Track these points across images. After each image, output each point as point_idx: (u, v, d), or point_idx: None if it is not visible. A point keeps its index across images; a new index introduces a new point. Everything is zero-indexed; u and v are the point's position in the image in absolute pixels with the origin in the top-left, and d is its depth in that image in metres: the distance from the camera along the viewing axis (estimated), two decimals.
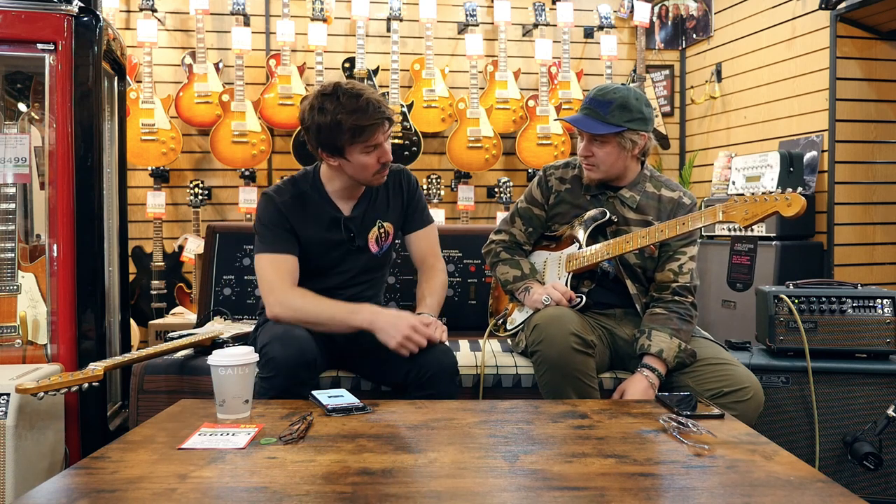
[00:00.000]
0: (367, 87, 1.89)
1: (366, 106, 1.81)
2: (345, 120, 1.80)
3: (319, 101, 1.84)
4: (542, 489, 1.11)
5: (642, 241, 1.91)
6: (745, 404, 1.75)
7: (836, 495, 1.07)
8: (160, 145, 3.92)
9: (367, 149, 1.85)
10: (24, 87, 2.43)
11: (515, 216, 2.21)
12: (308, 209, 1.97)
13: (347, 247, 1.99)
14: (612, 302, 2.06)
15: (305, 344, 1.76)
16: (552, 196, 2.14)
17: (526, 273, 2.10)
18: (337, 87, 1.85)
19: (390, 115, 1.87)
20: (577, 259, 2.03)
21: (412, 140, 4.12)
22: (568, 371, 1.79)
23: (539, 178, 2.18)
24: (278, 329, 1.80)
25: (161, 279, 3.97)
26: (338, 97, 1.82)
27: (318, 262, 1.98)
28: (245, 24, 4.10)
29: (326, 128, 1.82)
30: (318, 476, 1.15)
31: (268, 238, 1.93)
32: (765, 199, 1.77)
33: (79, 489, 1.12)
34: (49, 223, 2.14)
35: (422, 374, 1.79)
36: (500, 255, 2.18)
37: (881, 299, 2.14)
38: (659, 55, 4.73)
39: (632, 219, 2.03)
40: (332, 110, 1.81)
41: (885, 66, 3.44)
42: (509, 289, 2.12)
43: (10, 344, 2.12)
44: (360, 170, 1.89)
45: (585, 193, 2.10)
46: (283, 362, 1.70)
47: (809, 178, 3.44)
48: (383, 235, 2.04)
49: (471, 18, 4.27)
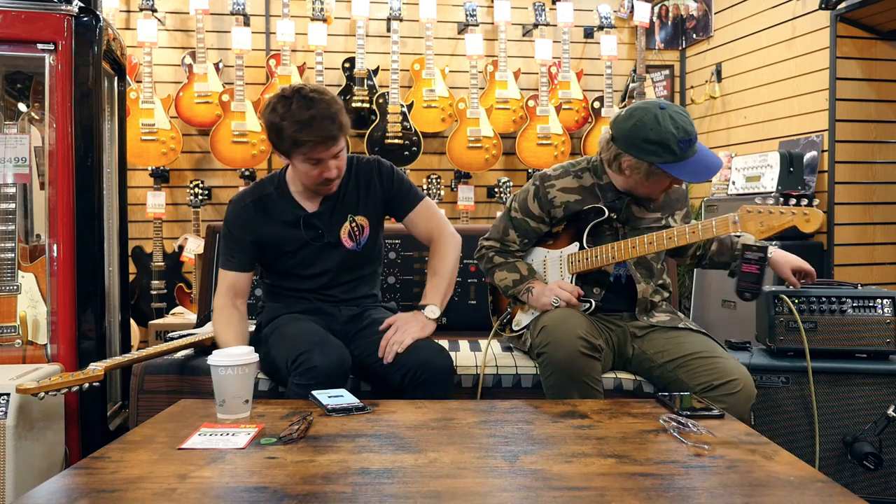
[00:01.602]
0: (327, 98, 1.81)
1: (309, 121, 1.76)
2: (286, 128, 1.78)
3: (275, 99, 1.82)
4: (542, 489, 1.11)
5: (650, 247, 1.89)
6: (734, 397, 1.75)
7: (836, 495, 1.07)
8: (160, 145, 3.92)
9: (308, 160, 1.83)
10: (24, 87, 2.43)
11: (509, 228, 2.10)
12: (270, 210, 1.98)
13: (316, 244, 1.98)
14: (620, 307, 2.04)
15: (342, 352, 1.80)
16: (556, 209, 2.03)
17: (525, 275, 2.04)
18: (298, 91, 1.80)
19: (336, 134, 1.80)
20: (581, 261, 2.00)
21: (412, 140, 4.11)
22: (574, 374, 1.79)
23: (535, 189, 2.05)
24: (314, 336, 1.82)
25: (161, 279, 3.97)
26: (291, 103, 1.78)
27: (289, 262, 1.99)
28: (245, 24, 4.10)
29: (272, 129, 1.82)
30: (318, 476, 1.15)
31: (224, 251, 2.00)
32: (781, 213, 1.72)
33: (79, 489, 1.12)
34: (49, 223, 2.14)
35: (418, 376, 1.79)
36: (494, 259, 2.11)
37: (881, 299, 2.14)
38: (659, 55, 4.73)
39: (646, 219, 2.02)
40: (280, 113, 1.78)
41: (885, 66, 3.44)
42: (511, 293, 2.07)
43: (10, 344, 2.12)
44: (303, 177, 1.89)
45: (603, 202, 1.99)
46: (324, 370, 1.71)
47: (809, 178, 3.44)
48: (357, 230, 2.01)
49: (471, 18, 4.27)
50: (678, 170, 1.82)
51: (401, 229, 2.15)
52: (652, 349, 1.95)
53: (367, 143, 4.09)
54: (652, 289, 2.04)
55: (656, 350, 1.94)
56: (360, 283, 2.06)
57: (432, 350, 1.83)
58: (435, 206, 2.11)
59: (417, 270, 2.67)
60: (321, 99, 1.79)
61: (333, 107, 1.80)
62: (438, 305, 1.95)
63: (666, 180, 1.89)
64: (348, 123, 1.85)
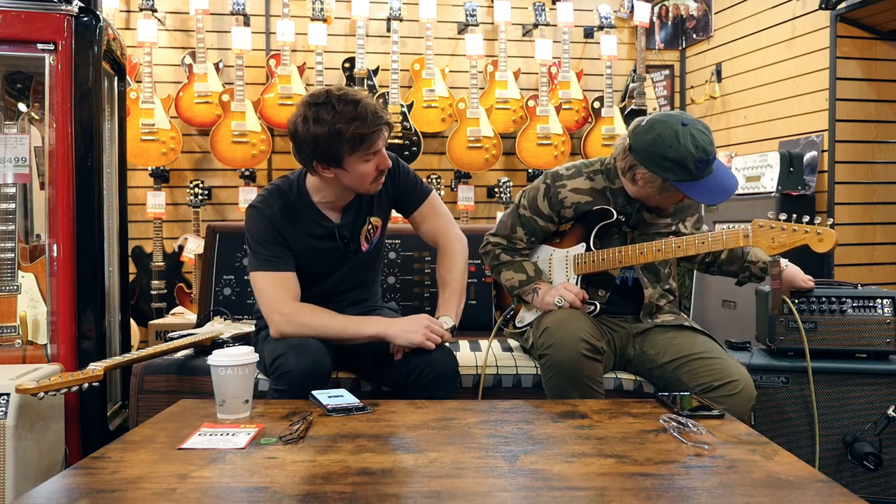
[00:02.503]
0: (359, 91, 1.81)
1: (365, 113, 1.73)
2: (345, 129, 1.71)
3: (313, 111, 1.73)
4: (542, 489, 1.11)
5: (657, 255, 1.88)
6: (734, 398, 1.75)
7: (836, 495, 1.07)
8: (160, 145, 3.92)
9: (366, 157, 1.78)
10: (24, 87, 2.43)
11: (517, 225, 2.09)
12: (298, 221, 1.90)
13: (342, 253, 1.95)
14: (625, 310, 2.04)
15: (319, 355, 1.74)
16: (566, 209, 2.01)
17: (531, 276, 2.03)
18: (329, 94, 1.75)
19: (389, 119, 1.80)
20: (587, 263, 1.99)
21: (412, 140, 4.11)
22: (576, 376, 1.79)
23: (546, 188, 2.02)
24: (293, 339, 1.78)
25: (161, 279, 3.97)
26: (333, 105, 1.72)
27: (313, 272, 1.94)
28: (245, 24, 4.10)
29: (325, 138, 1.72)
30: (318, 476, 1.15)
31: (263, 255, 1.86)
32: (794, 231, 1.71)
33: (79, 489, 1.12)
34: (49, 223, 2.14)
35: (423, 377, 1.79)
36: (501, 257, 2.11)
37: (881, 299, 2.14)
38: (659, 55, 4.73)
39: (658, 223, 2.01)
40: (329, 120, 1.71)
41: (885, 66, 3.44)
42: (516, 293, 2.07)
43: (10, 344, 2.12)
44: (357, 179, 1.82)
45: (614, 206, 1.98)
46: (298, 375, 1.69)
47: (809, 178, 3.44)
48: (371, 231, 1.99)
49: (471, 18, 4.27)
50: (693, 189, 1.80)
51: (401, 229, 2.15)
52: (652, 350, 1.95)
53: None
54: (659, 293, 2.04)
55: (656, 350, 1.94)
56: (367, 282, 2.06)
57: (440, 351, 1.83)
58: (441, 204, 2.08)
59: (417, 270, 2.68)
60: (355, 92, 1.78)
61: (362, 93, 1.80)
62: (453, 317, 1.93)
63: (679, 195, 1.87)
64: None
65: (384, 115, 1.78)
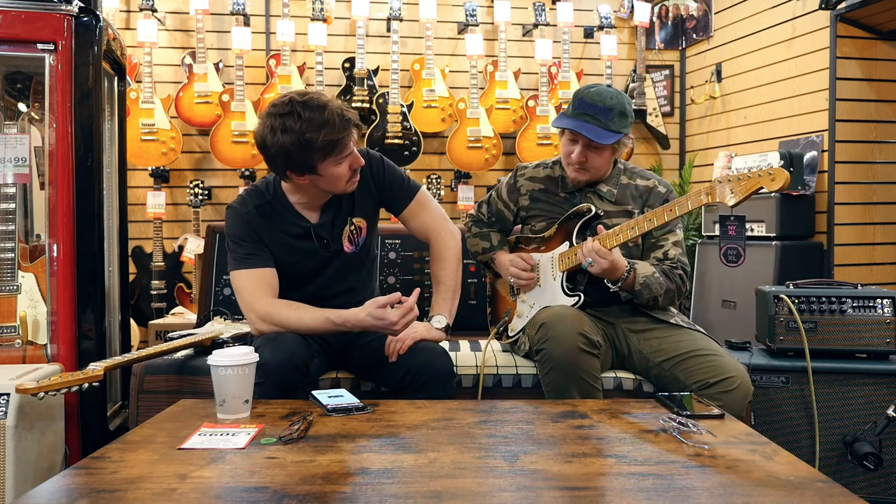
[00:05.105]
0: (323, 94, 1.77)
1: (332, 118, 1.71)
2: (314, 137, 1.69)
3: (280, 121, 1.71)
4: (542, 489, 1.11)
5: (631, 232, 1.90)
6: (731, 394, 1.75)
7: (836, 495, 1.07)
8: (160, 145, 3.92)
9: (339, 160, 1.77)
10: (24, 87, 2.43)
11: (484, 203, 2.30)
12: (275, 221, 1.90)
13: (323, 254, 1.93)
14: (610, 300, 2.04)
15: (295, 347, 1.73)
16: (522, 197, 2.17)
17: (494, 245, 2.23)
18: (293, 102, 1.72)
19: (356, 118, 1.78)
20: (569, 257, 2.03)
21: (412, 140, 4.11)
22: (573, 371, 1.79)
23: (510, 176, 2.23)
24: (271, 333, 1.79)
25: (161, 279, 3.97)
26: (298, 114, 1.70)
27: (297, 273, 1.93)
28: (245, 24, 4.10)
29: (296, 148, 1.71)
30: (318, 476, 1.15)
31: (239, 253, 1.87)
32: (748, 177, 1.74)
33: (79, 489, 1.12)
34: (49, 223, 2.14)
35: (419, 378, 1.79)
36: (471, 228, 2.31)
37: (881, 299, 2.14)
38: (659, 55, 4.73)
39: (612, 211, 2.05)
40: (297, 129, 1.69)
41: (885, 66, 3.44)
42: (479, 259, 2.29)
43: (10, 344, 2.12)
44: (333, 182, 1.81)
45: (561, 191, 2.11)
46: (273, 367, 1.67)
47: (809, 178, 3.44)
48: (355, 232, 1.97)
49: (471, 18, 4.27)
50: (559, 119, 2.00)
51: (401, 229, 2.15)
52: (649, 349, 1.96)
53: (367, 144, 4.09)
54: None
55: (653, 349, 1.94)
56: (359, 284, 2.04)
57: (435, 352, 1.83)
58: (431, 199, 2.07)
59: (417, 270, 2.68)
60: (319, 96, 1.76)
61: (325, 96, 1.78)
62: (446, 316, 1.94)
63: (567, 139, 2.01)
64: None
65: (351, 116, 1.76)
